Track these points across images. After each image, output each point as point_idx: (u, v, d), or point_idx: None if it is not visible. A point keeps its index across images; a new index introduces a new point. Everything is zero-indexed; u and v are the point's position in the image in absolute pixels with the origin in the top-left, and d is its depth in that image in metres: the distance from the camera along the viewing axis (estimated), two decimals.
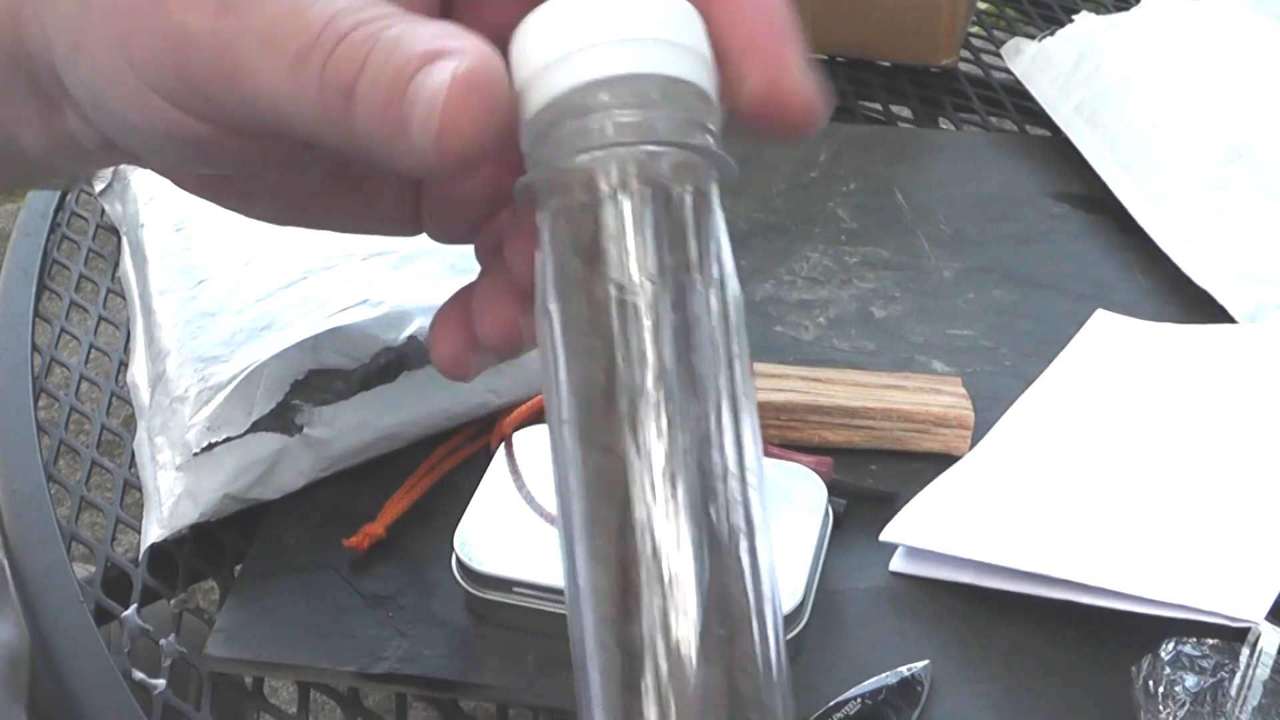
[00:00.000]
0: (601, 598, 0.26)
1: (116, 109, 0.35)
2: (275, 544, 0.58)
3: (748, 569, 0.27)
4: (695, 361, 0.27)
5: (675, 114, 0.28)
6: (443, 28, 0.31)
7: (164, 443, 0.60)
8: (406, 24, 0.30)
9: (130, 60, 0.33)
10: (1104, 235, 0.75)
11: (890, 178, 0.80)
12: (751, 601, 0.27)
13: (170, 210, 0.71)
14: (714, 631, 0.26)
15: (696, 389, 0.27)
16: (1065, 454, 0.60)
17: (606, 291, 0.27)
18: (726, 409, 0.27)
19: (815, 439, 0.61)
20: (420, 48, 0.30)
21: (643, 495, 0.26)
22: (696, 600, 0.26)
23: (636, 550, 0.26)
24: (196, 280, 0.66)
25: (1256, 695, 0.46)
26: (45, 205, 0.83)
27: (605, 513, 0.27)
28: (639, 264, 0.27)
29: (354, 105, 0.30)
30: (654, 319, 0.27)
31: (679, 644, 0.26)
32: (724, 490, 0.27)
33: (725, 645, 0.27)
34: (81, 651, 0.56)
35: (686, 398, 0.27)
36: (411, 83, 0.29)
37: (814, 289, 0.72)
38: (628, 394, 0.26)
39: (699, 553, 0.26)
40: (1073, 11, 0.95)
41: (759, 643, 0.27)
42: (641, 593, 0.26)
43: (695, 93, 0.29)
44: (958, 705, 0.51)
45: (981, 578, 0.54)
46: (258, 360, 0.60)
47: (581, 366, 0.27)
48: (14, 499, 0.63)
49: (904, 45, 0.92)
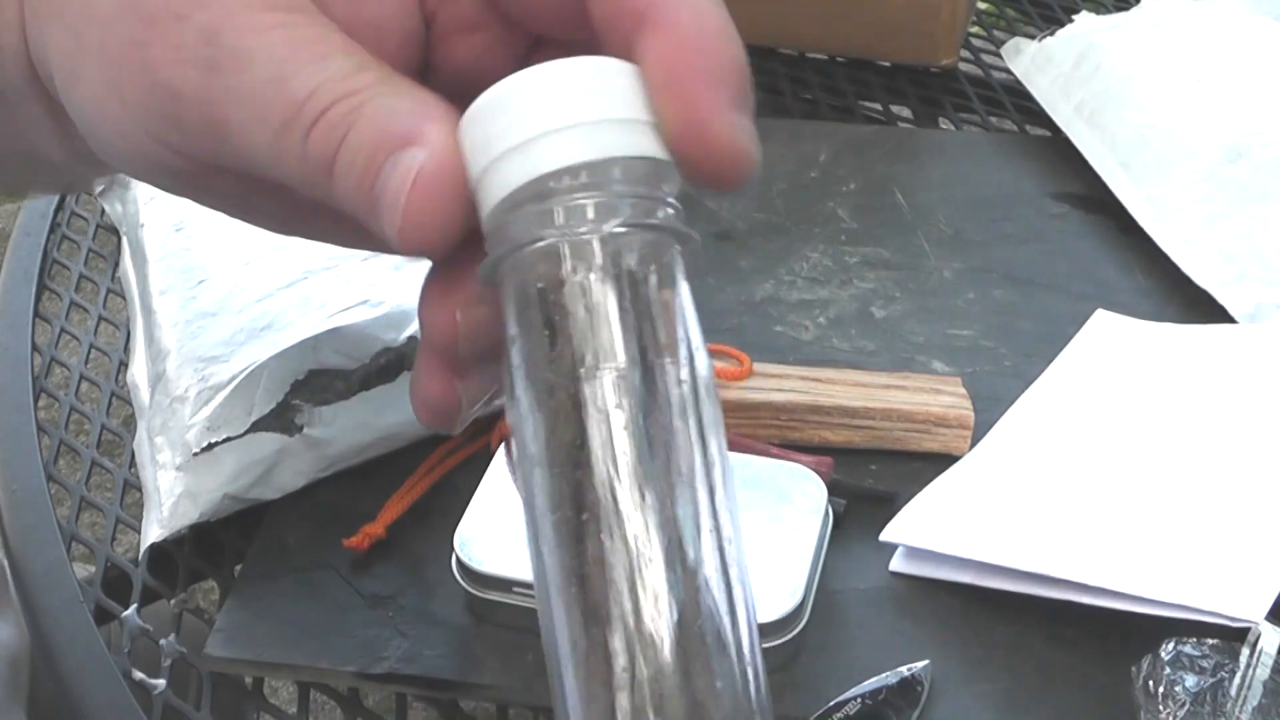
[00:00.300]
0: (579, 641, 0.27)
1: (109, 140, 0.35)
2: (275, 544, 0.58)
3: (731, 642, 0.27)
4: (668, 441, 0.27)
5: (633, 192, 0.28)
6: (418, 102, 0.31)
7: (164, 443, 0.60)
8: (385, 98, 0.31)
9: (122, 100, 0.34)
10: (1104, 235, 0.75)
11: (890, 178, 0.80)
12: (731, 644, 0.27)
13: (170, 210, 0.71)
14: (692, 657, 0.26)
15: (670, 468, 0.27)
16: (1065, 454, 0.60)
17: (574, 376, 0.27)
18: (702, 483, 0.27)
19: (815, 439, 0.61)
20: (395, 128, 0.30)
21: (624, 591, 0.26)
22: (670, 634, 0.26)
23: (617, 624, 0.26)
24: (196, 280, 0.66)
25: (1256, 695, 0.46)
26: (45, 205, 0.83)
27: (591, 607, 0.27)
28: (605, 348, 0.27)
29: (334, 180, 0.31)
30: (622, 402, 0.27)
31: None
32: (705, 560, 0.27)
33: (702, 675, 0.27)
34: (81, 651, 0.56)
35: (660, 477, 0.27)
36: (381, 172, 0.30)
37: (814, 289, 0.72)
38: (602, 482, 0.27)
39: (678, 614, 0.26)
40: (1073, 11, 0.95)
41: (738, 679, 0.27)
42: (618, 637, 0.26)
43: (652, 165, 0.28)
44: (958, 705, 0.51)
45: (981, 578, 0.54)
46: (258, 360, 0.60)
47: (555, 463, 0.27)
48: (14, 499, 0.63)
49: (904, 45, 0.92)
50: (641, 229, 0.28)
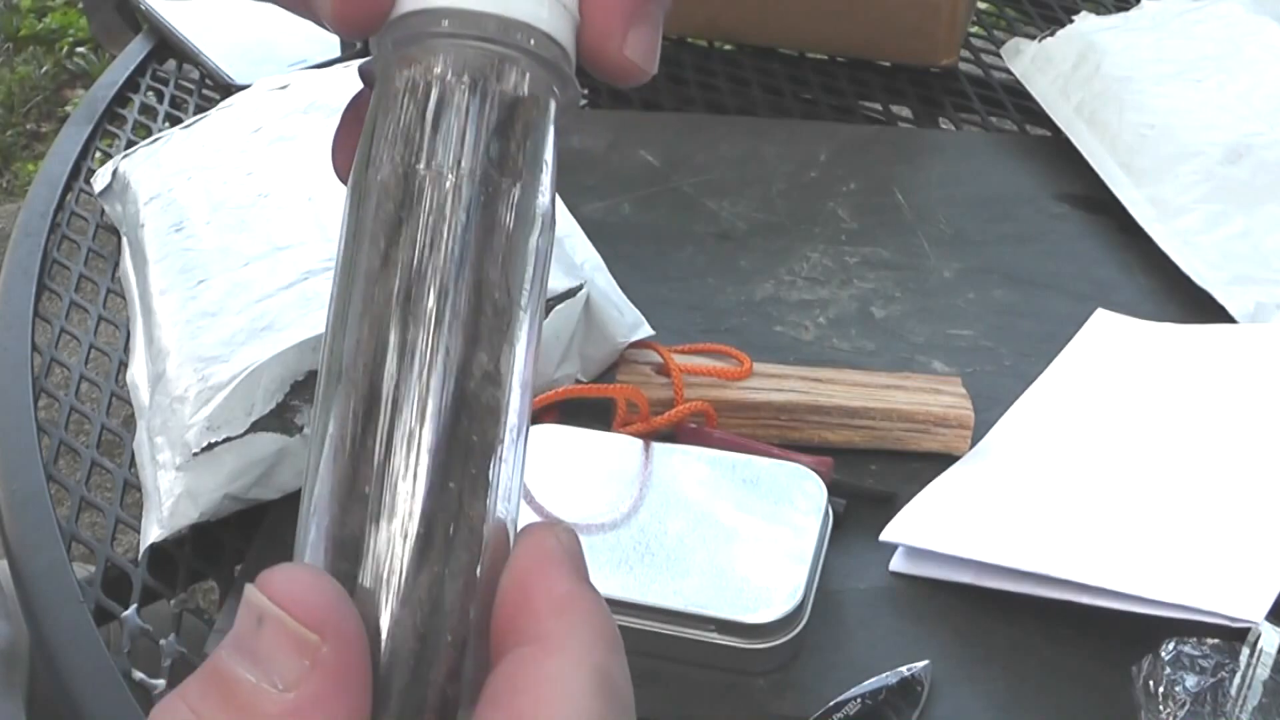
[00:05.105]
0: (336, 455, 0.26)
1: None
2: (275, 544, 0.58)
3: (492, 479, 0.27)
4: (483, 260, 0.27)
5: (519, 31, 0.28)
6: None
7: (164, 443, 0.60)
8: None
9: None
10: (1104, 235, 0.75)
11: (890, 178, 0.80)
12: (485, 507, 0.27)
13: (170, 210, 0.71)
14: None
15: (477, 289, 0.27)
16: (1065, 454, 0.60)
17: (412, 173, 0.27)
18: (490, 308, 0.27)
19: (815, 439, 0.61)
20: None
21: (395, 386, 0.26)
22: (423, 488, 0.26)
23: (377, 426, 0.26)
24: (196, 280, 0.66)
25: (1256, 695, 0.46)
26: (45, 205, 0.83)
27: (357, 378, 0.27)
28: (447, 152, 0.28)
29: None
30: (448, 208, 0.27)
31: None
32: (479, 395, 0.27)
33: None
34: (81, 651, 0.56)
35: (462, 294, 0.27)
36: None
37: (814, 289, 0.72)
38: (405, 278, 0.27)
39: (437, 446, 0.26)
40: (1073, 11, 0.95)
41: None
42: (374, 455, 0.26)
43: (554, 46, 0.29)
44: (958, 705, 0.51)
45: (981, 578, 0.54)
46: (258, 360, 0.60)
47: (368, 238, 0.28)
48: (14, 499, 0.63)
49: (904, 45, 0.92)
50: (518, 50, 0.29)
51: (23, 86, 2.45)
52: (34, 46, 2.55)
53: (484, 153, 0.28)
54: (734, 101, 0.91)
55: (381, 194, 0.28)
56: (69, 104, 2.38)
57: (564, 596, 0.26)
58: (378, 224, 0.27)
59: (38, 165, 1.77)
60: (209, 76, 0.94)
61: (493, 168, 0.28)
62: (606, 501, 0.56)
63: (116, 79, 0.95)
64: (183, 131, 0.79)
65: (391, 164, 0.28)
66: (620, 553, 0.54)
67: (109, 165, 0.81)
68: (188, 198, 0.72)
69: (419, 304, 0.27)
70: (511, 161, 0.28)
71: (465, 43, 0.28)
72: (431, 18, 0.28)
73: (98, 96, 0.93)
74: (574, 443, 0.59)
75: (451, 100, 0.28)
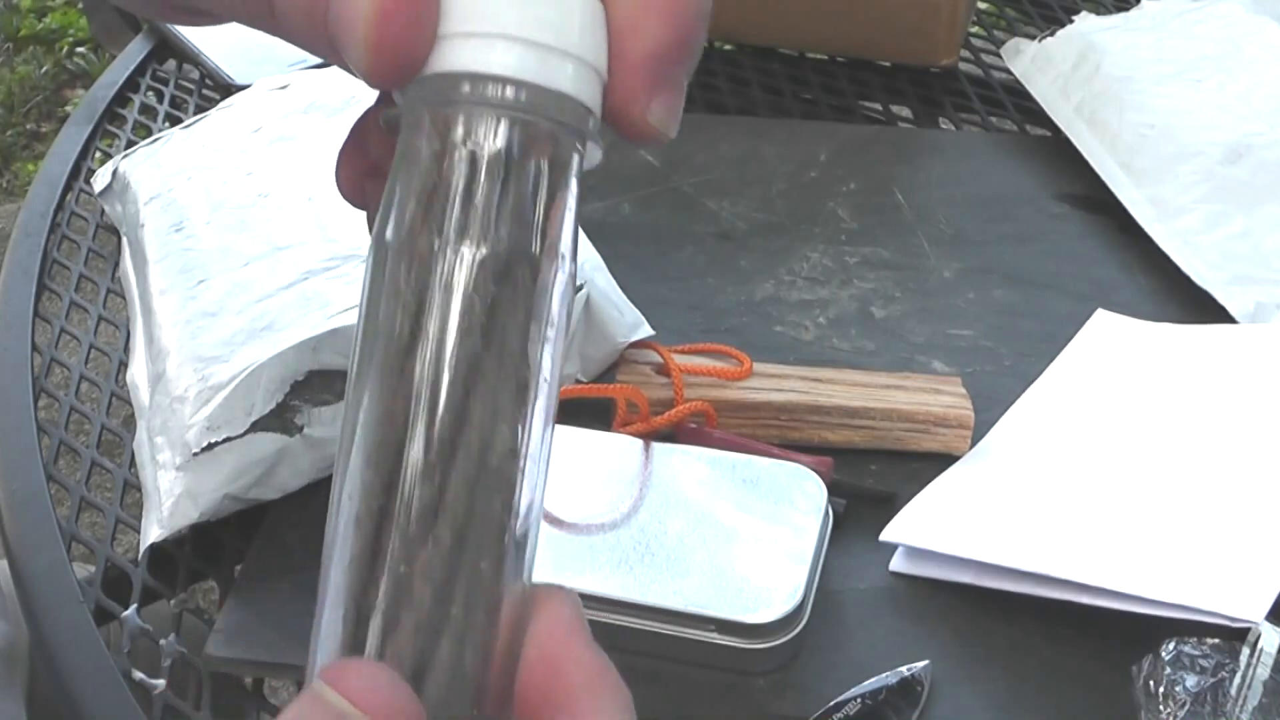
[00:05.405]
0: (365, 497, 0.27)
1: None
2: (275, 544, 0.58)
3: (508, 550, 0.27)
4: (505, 332, 0.27)
5: (551, 100, 0.28)
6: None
7: (164, 443, 0.60)
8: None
9: None
10: (1104, 235, 0.75)
11: (890, 178, 0.80)
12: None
13: (170, 210, 0.71)
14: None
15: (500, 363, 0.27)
16: (1065, 454, 0.60)
17: (431, 243, 0.27)
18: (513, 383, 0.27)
19: (815, 439, 0.61)
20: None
21: (414, 455, 0.26)
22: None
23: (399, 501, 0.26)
24: (196, 280, 0.66)
25: (1256, 695, 0.46)
26: (45, 205, 0.83)
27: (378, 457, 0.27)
28: (472, 223, 0.27)
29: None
30: (472, 282, 0.27)
31: None
32: (499, 468, 0.27)
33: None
34: (81, 651, 0.56)
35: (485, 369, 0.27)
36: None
37: (814, 289, 0.72)
38: (425, 348, 0.27)
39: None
40: (1073, 11, 0.95)
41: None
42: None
43: (580, 109, 0.29)
44: (958, 705, 0.51)
45: (981, 578, 0.54)
46: (258, 360, 0.59)
47: (392, 307, 0.27)
48: (14, 499, 0.63)
49: (904, 45, 0.92)
50: (556, 124, 0.28)
51: (23, 86, 2.45)
52: (34, 46, 2.55)
53: (509, 224, 0.27)
54: (734, 101, 0.91)
55: (404, 261, 0.27)
56: (69, 104, 2.38)
57: (592, 666, 0.28)
58: (400, 290, 0.27)
59: (38, 165, 1.77)
60: (209, 76, 0.94)
61: (518, 238, 0.27)
62: (606, 501, 0.56)
63: (116, 79, 0.95)
64: (183, 131, 0.79)
65: (412, 231, 0.27)
66: (620, 553, 0.54)
67: (109, 165, 0.81)
68: (188, 198, 0.72)
69: (438, 379, 0.27)
70: (538, 232, 0.28)
71: (496, 110, 0.28)
72: (463, 81, 0.28)
73: (98, 96, 0.93)
74: (574, 443, 0.59)
75: (478, 170, 0.28)
